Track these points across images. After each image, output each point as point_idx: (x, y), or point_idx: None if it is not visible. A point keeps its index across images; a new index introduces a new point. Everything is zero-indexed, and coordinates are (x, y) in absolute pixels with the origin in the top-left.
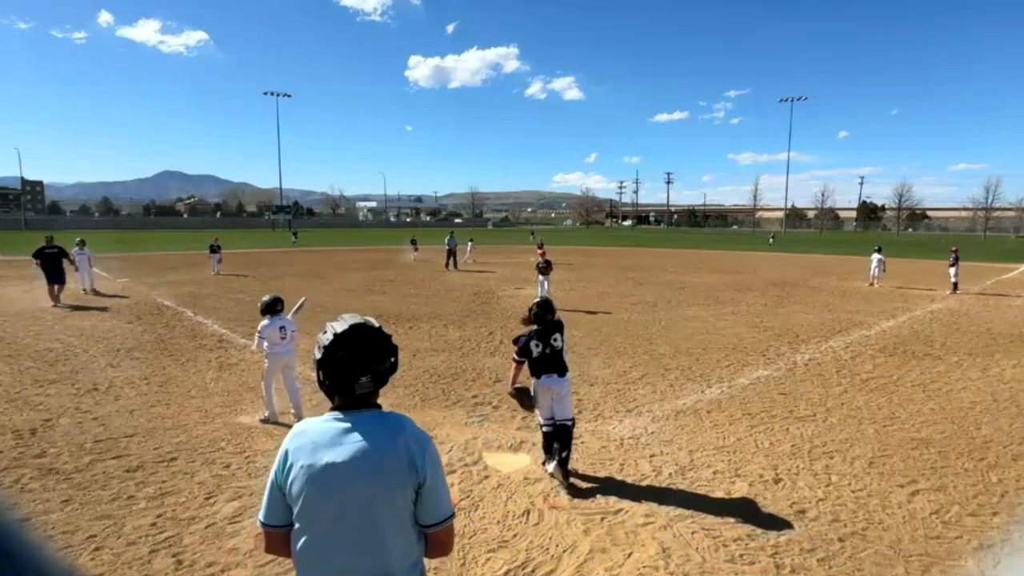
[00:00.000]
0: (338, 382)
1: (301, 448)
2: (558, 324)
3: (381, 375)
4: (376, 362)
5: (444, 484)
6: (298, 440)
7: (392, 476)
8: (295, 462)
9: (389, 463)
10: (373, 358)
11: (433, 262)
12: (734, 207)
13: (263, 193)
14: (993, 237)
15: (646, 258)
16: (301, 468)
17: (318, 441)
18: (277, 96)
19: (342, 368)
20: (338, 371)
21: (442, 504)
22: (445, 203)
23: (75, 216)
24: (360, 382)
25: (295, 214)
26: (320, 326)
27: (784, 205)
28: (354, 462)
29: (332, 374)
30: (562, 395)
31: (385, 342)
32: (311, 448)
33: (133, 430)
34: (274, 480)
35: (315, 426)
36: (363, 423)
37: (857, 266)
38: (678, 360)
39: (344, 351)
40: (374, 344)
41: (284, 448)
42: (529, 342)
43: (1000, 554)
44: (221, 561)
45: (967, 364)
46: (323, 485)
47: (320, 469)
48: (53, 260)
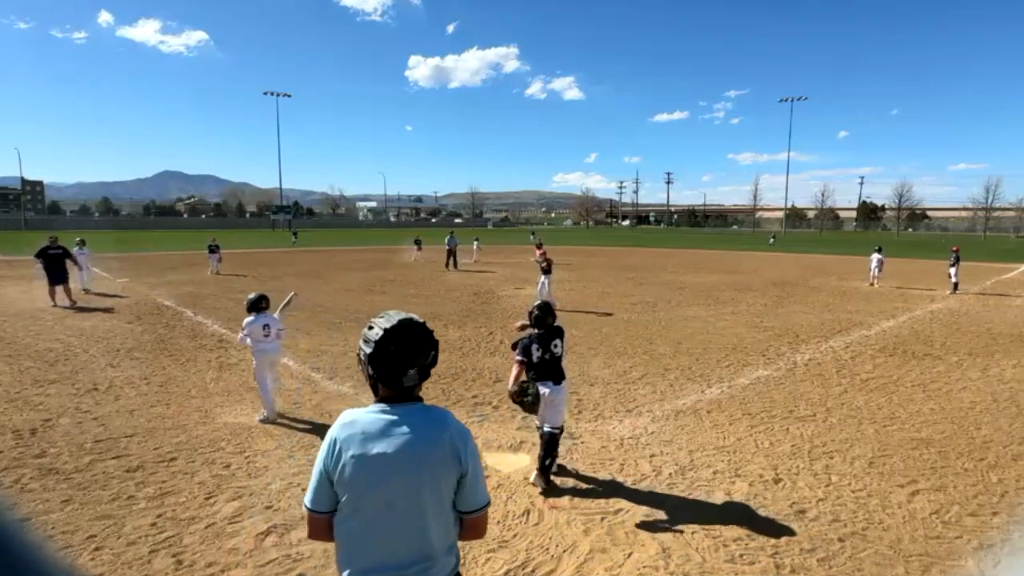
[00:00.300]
0: (387, 375)
1: (351, 438)
2: (559, 330)
3: (425, 368)
4: (422, 356)
5: (482, 475)
6: (348, 430)
7: (438, 468)
8: (344, 451)
9: (435, 455)
10: (419, 352)
11: (435, 262)
12: (734, 207)
13: (263, 193)
14: (993, 237)
15: (646, 258)
16: (351, 457)
17: (368, 432)
18: (277, 96)
19: (392, 362)
20: (388, 365)
21: (479, 493)
22: (445, 203)
23: (75, 216)
24: (408, 375)
25: (295, 214)
26: (321, 326)
27: (784, 205)
28: (403, 454)
29: (382, 368)
30: (556, 403)
31: (429, 337)
32: (361, 438)
33: (133, 430)
34: (322, 467)
35: (364, 417)
36: (410, 416)
37: (857, 266)
38: (678, 360)
39: (394, 345)
40: (420, 338)
41: (332, 437)
42: (531, 345)
43: (1000, 554)
44: (221, 561)
45: (967, 364)
46: (373, 474)
47: (370, 459)
48: (57, 261)
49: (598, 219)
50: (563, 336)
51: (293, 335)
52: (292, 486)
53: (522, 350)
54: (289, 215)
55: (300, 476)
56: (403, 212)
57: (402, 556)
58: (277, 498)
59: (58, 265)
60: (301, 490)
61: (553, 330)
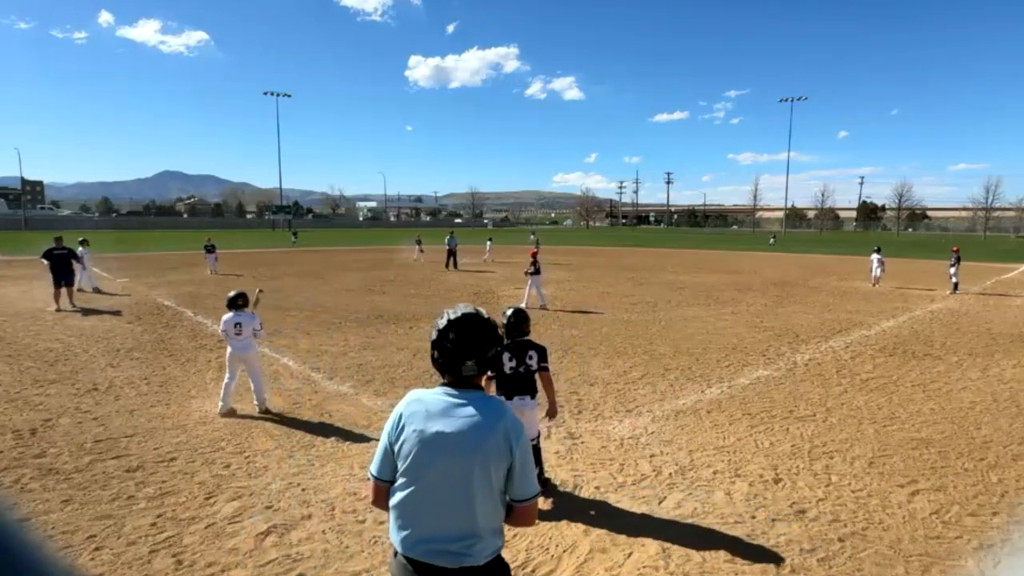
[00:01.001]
0: (448, 362)
1: (415, 414)
2: (534, 344)
3: (486, 361)
4: (482, 348)
5: (532, 467)
6: (413, 407)
7: (490, 453)
8: (408, 425)
9: (490, 442)
10: (479, 344)
11: (436, 262)
12: (734, 207)
13: (263, 193)
14: (993, 237)
15: (646, 258)
16: (413, 431)
17: (431, 410)
18: (277, 96)
19: (452, 350)
20: (448, 352)
21: (529, 483)
22: (445, 203)
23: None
24: (466, 365)
25: (295, 214)
26: (321, 326)
27: (784, 205)
28: (460, 435)
29: (443, 354)
30: (532, 416)
31: (492, 331)
32: (424, 415)
33: (133, 430)
34: (387, 439)
35: (429, 396)
36: (471, 401)
37: (857, 266)
38: (678, 360)
39: (456, 334)
40: (482, 332)
41: (399, 411)
42: (501, 355)
43: (1000, 554)
44: (221, 561)
45: (967, 364)
46: (431, 449)
47: (431, 435)
48: (62, 261)
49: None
50: (540, 350)
51: (293, 335)
52: (292, 486)
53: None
54: (289, 215)
55: (300, 476)
56: (403, 212)
57: (450, 530)
58: (277, 498)
59: (63, 266)
60: (301, 490)
61: (527, 342)
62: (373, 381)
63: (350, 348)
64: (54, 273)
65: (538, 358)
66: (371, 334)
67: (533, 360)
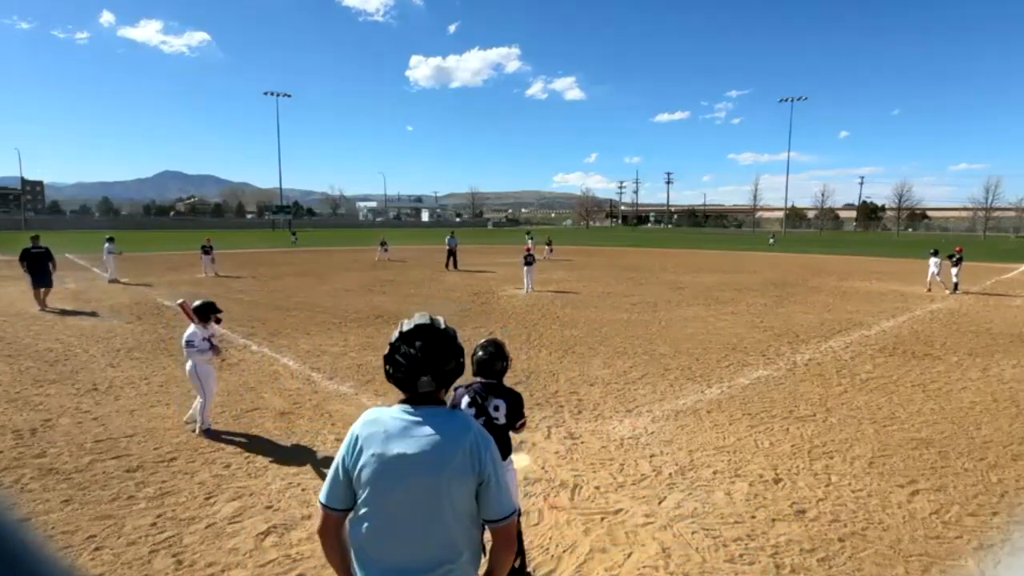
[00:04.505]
0: (402, 378)
1: (373, 436)
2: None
3: (444, 376)
4: (439, 363)
5: (506, 482)
6: (370, 428)
7: (458, 472)
8: (365, 448)
9: (456, 459)
10: (436, 359)
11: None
12: (734, 207)
13: (263, 193)
14: (993, 237)
15: (646, 258)
16: (372, 455)
17: (390, 431)
18: (277, 96)
19: (406, 365)
20: (402, 367)
21: (504, 501)
22: (445, 203)
23: (75, 216)
24: (422, 380)
25: (295, 214)
26: (321, 327)
27: (784, 205)
28: (423, 455)
29: (397, 369)
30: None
31: (449, 343)
32: (383, 437)
33: (133, 430)
34: (341, 464)
35: (387, 416)
36: (433, 418)
37: (857, 266)
38: (678, 360)
39: (408, 348)
40: (438, 344)
41: (354, 434)
42: (460, 399)
43: (1000, 554)
44: (221, 561)
45: (967, 364)
46: (394, 473)
47: (392, 458)
48: (38, 261)
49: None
50: (513, 401)
51: (293, 335)
52: (292, 486)
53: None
54: (289, 215)
55: (300, 476)
56: (403, 212)
57: (421, 559)
58: (277, 498)
59: (40, 266)
60: (301, 490)
61: (496, 387)
62: (373, 381)
63: (350, 348)
64: (31, 273)
65: (507, 411)
66: (371, 334)
67: (500, 412)
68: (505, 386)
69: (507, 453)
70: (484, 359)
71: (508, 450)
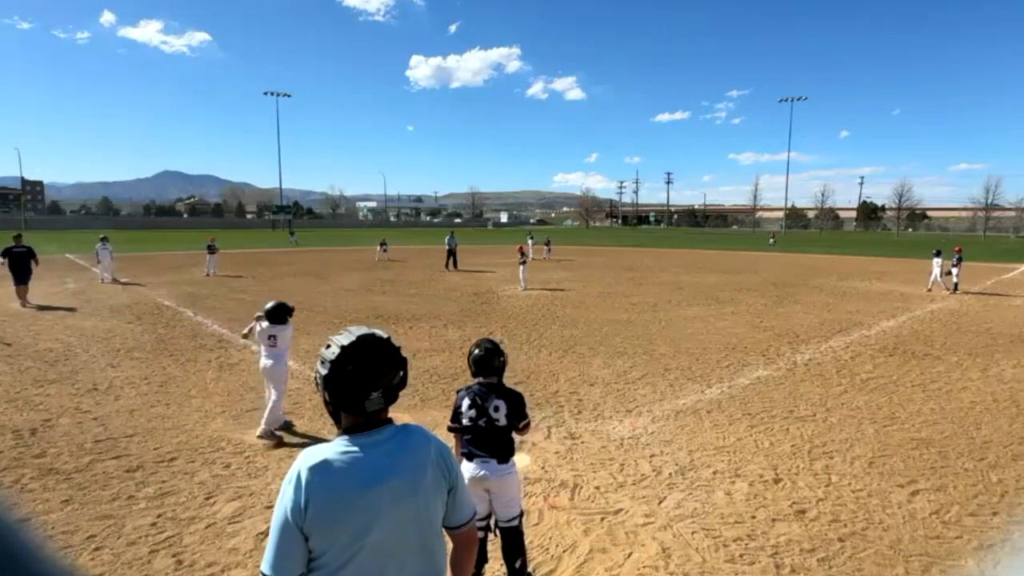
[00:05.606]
0: (347, 400)
1: (326, 478)
2: (505, 390)
3: (391, 390)
4: (386, 376)
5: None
6: (320, 470)
7: (431, 488)
8: (320, 495)
9: (428, 475)
10: (383, 372)
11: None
12: (734, 207)
13: (263, 193)
14: (993, 237)
15: (646, 258)
16: (329, 503)
17: (346, 470)
18: (277, 96)
19: (351, 384)
20: (347, 388)
21: (468, 502)
22: (445, 203)
23: (75, 216)
24: (371, 398)
25: (295, 214)
26: (321, 326)
27: (784, 205)
28: (395, 482)
29: (340, 391)
30: (504, 490)
31: (395, 354)
32: (340, 476)
33: (133, 430)
34: (289, 521)
35: (334, 453)
36: (389, 443)
37: (857, 266)
38: (678, 360)
39: (353, 365)
40: (384, 356)
41: (296, 485)
42: (461, 401)
43: (1000, 554)
44: (221, 561)
45: (967, 364)
46: (363, 513)
47: (355, 497)
48: (20, 260)
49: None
50: (515, 401)
51: (293, 335)
52: None
53: (452, 413)
54: (289, 215)
55: None
56: (403, 212)
57: None
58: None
59: (21, 264)
60: None
61: (497, 387)
62: None
63: None
64: (13, 271)
65: (508, 412)
66: None
67: (500, 413)
68: (505, 386)
69: (509, 455)
70: (481, 356)
71: (510, 452)
